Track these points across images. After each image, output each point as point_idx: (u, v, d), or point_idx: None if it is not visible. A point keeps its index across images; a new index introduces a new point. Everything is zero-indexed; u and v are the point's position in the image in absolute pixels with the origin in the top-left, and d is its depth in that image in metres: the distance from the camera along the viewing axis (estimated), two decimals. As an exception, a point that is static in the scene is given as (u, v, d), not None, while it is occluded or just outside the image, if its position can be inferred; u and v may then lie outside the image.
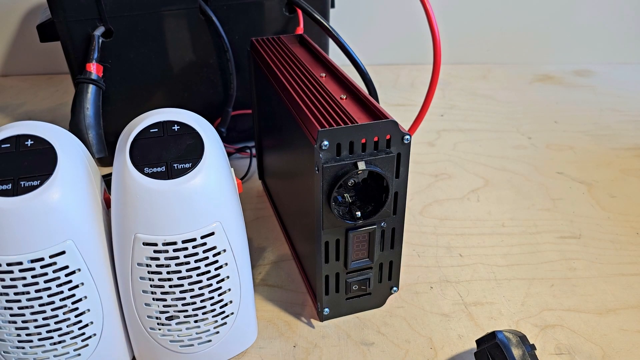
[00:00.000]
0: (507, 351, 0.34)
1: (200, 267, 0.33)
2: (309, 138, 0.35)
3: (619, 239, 0.51)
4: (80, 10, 0.53)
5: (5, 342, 0.33)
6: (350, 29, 0.89)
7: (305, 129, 0.36)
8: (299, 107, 0.38)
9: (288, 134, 0.42)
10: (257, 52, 0.49)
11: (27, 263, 0.31)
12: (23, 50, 0.87)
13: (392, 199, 0.37)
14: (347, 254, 0.39)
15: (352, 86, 0.41)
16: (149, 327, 0.35)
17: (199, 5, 0.56)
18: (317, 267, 0.39)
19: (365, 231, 0.38)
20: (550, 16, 0.89)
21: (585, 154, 0.65)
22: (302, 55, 0.47)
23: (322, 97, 0.39)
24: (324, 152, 0.34)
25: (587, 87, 0.83)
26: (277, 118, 0.46)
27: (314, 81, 0.42)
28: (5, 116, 0.76)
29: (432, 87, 0.50)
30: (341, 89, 0.41)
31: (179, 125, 0.34)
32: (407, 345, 0.40)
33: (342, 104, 0.37)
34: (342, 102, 0.38)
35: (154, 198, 0.32)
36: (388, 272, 0.41)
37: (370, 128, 0.34)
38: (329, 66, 0.45)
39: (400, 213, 0.38)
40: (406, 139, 0.35)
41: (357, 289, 0.41)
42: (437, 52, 0.48)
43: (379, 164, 0.35)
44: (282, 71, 0.44)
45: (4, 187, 0.30)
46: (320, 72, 0.44)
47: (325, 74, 0.43)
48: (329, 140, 0.34)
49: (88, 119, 0.53)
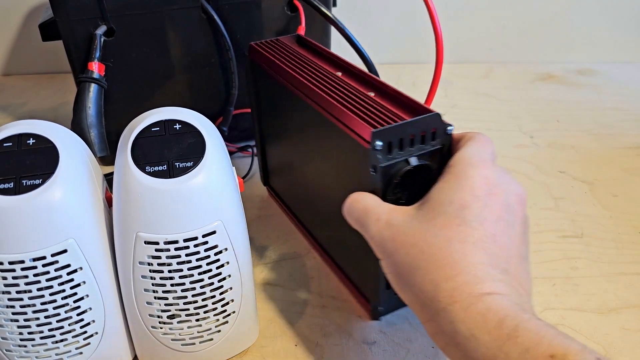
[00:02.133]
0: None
1: (201, 265, 0.34)
2: (357, 140, 0.34)
3: (621, 238, 0.51)
4: (82, 10, 0.53)
5: (7, 340, 0.33)
6: (351, 27, 0.89)
7: (350, 131, 0.35)
8: (337, 109, 0.37)
9: (317, 137, 0.42)
10: (261, 56, 0.48)
11: (29, 261, 0.31)
12: (25, 49, 0.87)
13: None
14: None
15: (375, 81, 0.40)
16: (151, 326, 0.36)
17: (201, 4, 0.56)
18: (371, 266, 0.38)
19: None
20: (553, 15, 0.88)
21: (588, 153, 0.65)
22: (310, 56, 0.47)
23: (355, 96, 0.38)
24: (379, 152, 0.34)
25: (590, 86, 0.82)
26: (295, 122, 0.45)
27: (338, 81, 0.41)
28: (8, 115, 0.76)
29: (434, 85, 0.50)
30: (365, 86, 0.41)
31: (181, 124, 0.34)
32: (408, 344, 0.40)
33: (379, 101, 0.37)
34: (376, 99, 0.38)
35: (155, 197, 0.32)
36: None
37: (419, 123, 0.34)
38: (341, 63, 0.44)
39: None
40: (449, 130, 0.36)
41: None
42: (440, 50, 0.48)
43: (427, 157, 0.35)
44: (300, 74, 0.43)
45: (6, 186, 0.31)
46: (335, 71, 0.43)
47: (340, 72, 0.43)
48: (382, 140, 0.33)
49: (90, 118, 0.53)
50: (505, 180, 0.33)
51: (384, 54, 0.90)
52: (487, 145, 0.35)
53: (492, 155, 0.34)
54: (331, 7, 0.63)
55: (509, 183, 0.33)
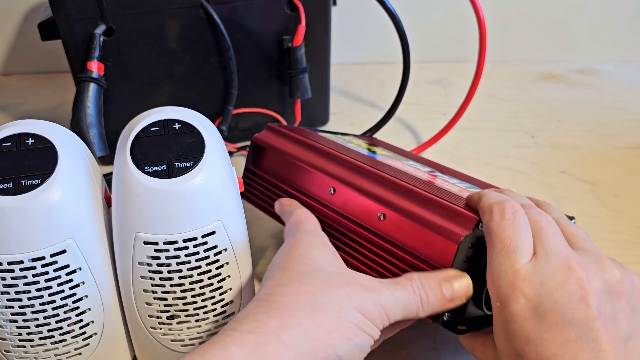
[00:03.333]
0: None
1: (201, 266, 0.33)
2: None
3: (622, 238, 0.51)
4: (81, 9, 0.53)
5: (6, 341, 0.33)
6: (352, 27, 0.89)
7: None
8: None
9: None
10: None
11: (27, 262, 0.31)
12: (24, 48, 0.87)
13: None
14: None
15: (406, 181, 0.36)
16: (150, 327, 0.35)
17: (201, 3, 0.56)
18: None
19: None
20: (554, 14, 0.88)
21: (589, 153, 0.65)
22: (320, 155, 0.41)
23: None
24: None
25: (591, 86, 0.82)
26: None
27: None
28: (6, 115, 0.76)
29: (475, 81, 0.55)
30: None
31: (180, 124, 0.34)
32: (409, 345, 0.40)
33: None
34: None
35: (154, 197, 0.31)
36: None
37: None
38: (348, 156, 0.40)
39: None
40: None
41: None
42: (483, 48, 0.49)
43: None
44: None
45: (5, 186, 0.30)
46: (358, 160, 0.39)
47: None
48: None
49: (89, 118, 0.53)
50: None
51: (384, 54, 0.90)
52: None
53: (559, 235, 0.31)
54: (330, 8, 0.63)
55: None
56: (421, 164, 0.45)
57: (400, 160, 0.43)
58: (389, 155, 0.45)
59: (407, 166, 0.41)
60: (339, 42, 0.77)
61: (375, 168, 0.38)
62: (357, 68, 0.89)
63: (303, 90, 0.62)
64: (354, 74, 0.87)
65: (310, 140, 0.43)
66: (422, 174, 0.39)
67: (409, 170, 0.39)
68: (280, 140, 0.44)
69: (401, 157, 0.46)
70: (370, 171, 0.37)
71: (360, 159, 0.39)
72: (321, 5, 0.61)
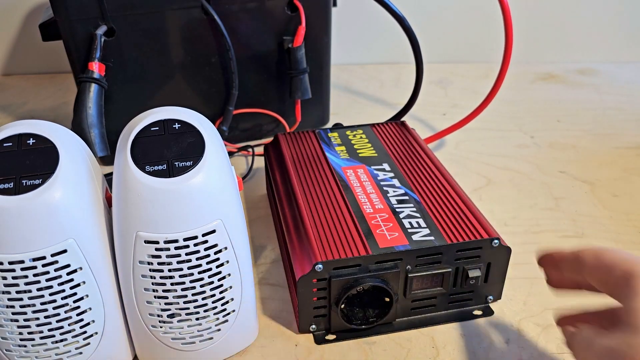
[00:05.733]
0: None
1: (201, 264, 0.34)
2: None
3: (621, 238, 0.51)
4: (82, 9, 0.53)
5: (7, 340, 0.33)
6: (352, 27, 0.89)
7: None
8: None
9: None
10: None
11: (28, 262, 0.31)
12: (25, 49, 0.88)
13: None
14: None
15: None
16: (151, 325, 0.36)
17: (201, 3, 0.56)
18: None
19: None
20: (553, 15, 0.88)
21: (588, 153, 0.65)
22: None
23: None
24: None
25: (590, 86, 0.82)
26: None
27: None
28: (8, 115, 0.76)
29: (498, 82, 0.58)
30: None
31: (180, 124, 0.34)
32: (409, 344, 0.40)
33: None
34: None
35: (155, 196, 0.32)
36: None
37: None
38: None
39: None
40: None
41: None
42: (509, 49, 0.57)
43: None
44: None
45: (6, 186, 0.31)
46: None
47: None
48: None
49: (90, 118, 0.53)
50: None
51: (384, 54, 0.90)
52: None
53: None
54: (331, 9, 0.63)
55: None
56: (406, 180, 0.48)
57: (378, 178, 0.47)
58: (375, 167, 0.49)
59: (368, 193, 0.45)
60: (339, 42, 0.77)
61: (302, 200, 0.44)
62: (357, 68, 0.89)
63: (303, 90, 0.62)
64: (354, 74, 0.87)
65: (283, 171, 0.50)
66: (370, 207, 0.43)
67: (362, 199, 0.44)
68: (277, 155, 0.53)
69: (395, 165, 0.50)
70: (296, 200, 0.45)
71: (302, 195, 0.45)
72: (321, 6, 0.61)
